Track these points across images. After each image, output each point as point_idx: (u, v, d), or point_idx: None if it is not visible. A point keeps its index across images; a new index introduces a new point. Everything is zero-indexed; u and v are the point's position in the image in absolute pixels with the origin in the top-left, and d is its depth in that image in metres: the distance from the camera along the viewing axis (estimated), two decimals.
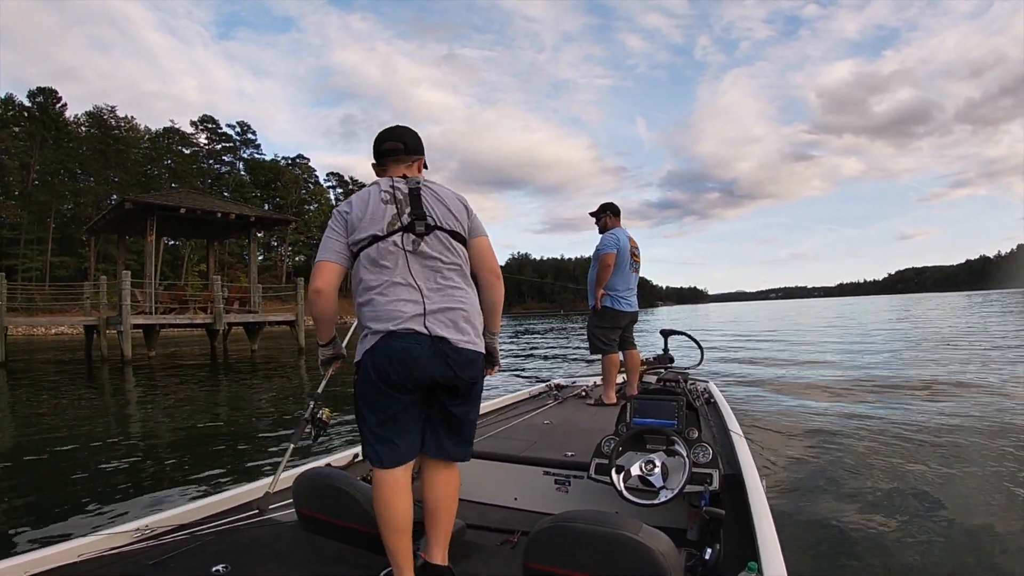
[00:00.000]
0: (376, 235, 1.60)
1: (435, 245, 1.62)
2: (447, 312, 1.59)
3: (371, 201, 1.65)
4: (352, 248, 1.63)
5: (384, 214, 1.62)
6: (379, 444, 1.59)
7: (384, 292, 1.57)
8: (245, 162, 75.57)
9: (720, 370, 10.33)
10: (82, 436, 6.30)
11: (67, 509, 3.69)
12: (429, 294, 1.58)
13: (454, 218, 1.67)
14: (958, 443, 4.83)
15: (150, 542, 1.78)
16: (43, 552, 1.65)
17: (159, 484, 4.32)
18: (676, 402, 2.56)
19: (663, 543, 1.32)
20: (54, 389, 10.80)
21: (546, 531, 1.41)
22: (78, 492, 4.12)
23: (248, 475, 4.50)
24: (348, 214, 1.65)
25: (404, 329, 1.54)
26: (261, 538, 1.78)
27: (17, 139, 54.99)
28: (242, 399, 9.39)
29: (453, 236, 1.66)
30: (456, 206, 1.70)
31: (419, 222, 1.61)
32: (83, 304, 17.41)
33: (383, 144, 1.80)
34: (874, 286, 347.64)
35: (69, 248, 52.79)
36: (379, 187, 1.69)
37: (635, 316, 4.58)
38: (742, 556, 1.65)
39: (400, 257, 1.59)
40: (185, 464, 4.95)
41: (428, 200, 1.66)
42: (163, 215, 16.54)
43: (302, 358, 16.57)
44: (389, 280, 1.58)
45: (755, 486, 2.12)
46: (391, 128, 1.85)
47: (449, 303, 1.59)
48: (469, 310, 1.64)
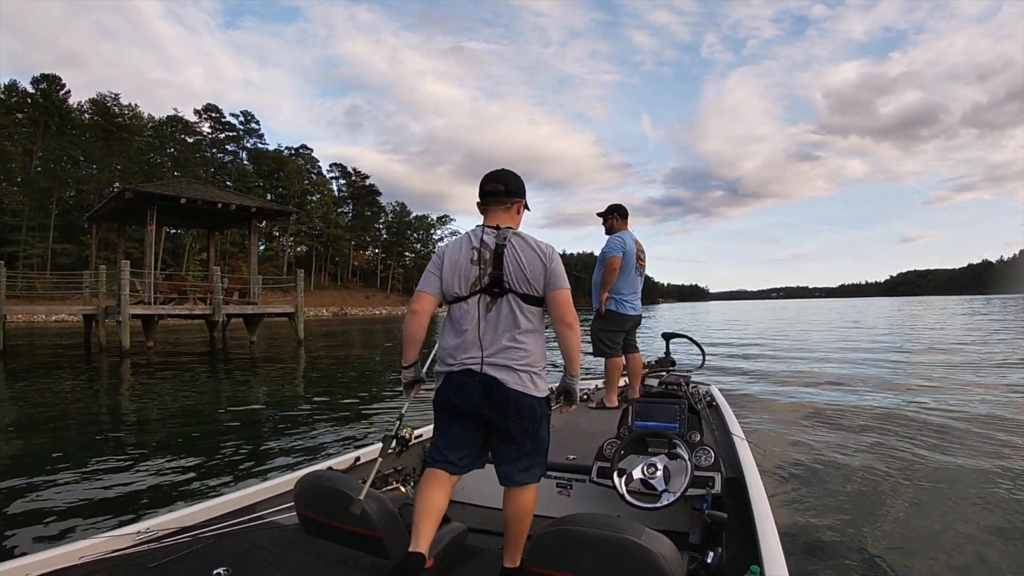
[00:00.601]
0: (459, 295, 1.91)
1: (504, 307, 1.88)
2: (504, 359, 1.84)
3: (462, 257, 1.92)
4: (445, 293, 1.94)
5: (469, 275, 1.90)
6: (436, 450, 1.90)
7: (458, 339, 1.89)
8: (248, 152, 75.47)
9: (722, 372, 10.27)
10: (73, 432, 6.26)
11: (64, 510, 3.64)
12: (490, 346, 1.85)
13: (527, 282, 1.88)
14: (964, 446, 4.79)
15: (151, 544, 1.77)
16: (44, 554, 1.64)
17: (150, 484, 4.27)
18: (678, 405, 2.55)
19: (665, 546, 1.32)
20: (50, 380, 10.78)
21: (548, 535, 1.41)
22: (71, 492, 4.05)
23: (244, 474, 4.47)
24: (443, 261, 1.95)
25: (463, 370, 1.85)
26: (262, 541, 1.77)
27: (20, 126, 54.93)
28: (238, 394, 9.35)
29: (524, 299, 1.89)
30: (534, 267, 1.88)
31: (496, 286, 1.88)
32: (83, 293, 17.38)
33: (487, 185, 2.01)
34: (875, 288, 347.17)
35: (71, 235, 52.80)
36: (471, 242, 1.94)
37: (639, 320, 4.53)
38: (744, 559, 1.65)
39: (474, 315, 1.88)
40: (175, 463, 4.90)
41: (509, 261, 1.88)
42: (163, 205, 16.46)
43: (301, 349, 16.58)
44: (464, 331, 1.88)
45: (757, 489, 2.10)
46: (495, 171, 2.06)
47: (506, 356, 1.84)
48: (526, 360, 1.86)
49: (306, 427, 6.21)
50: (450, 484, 1.87)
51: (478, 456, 1.93)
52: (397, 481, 2.68)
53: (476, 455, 1.92)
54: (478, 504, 2.89)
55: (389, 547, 1.63)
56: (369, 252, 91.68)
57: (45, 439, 5.73)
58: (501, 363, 1.83)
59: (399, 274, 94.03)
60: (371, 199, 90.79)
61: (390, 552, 1.63)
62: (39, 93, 57.33)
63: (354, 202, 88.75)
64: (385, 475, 2.70)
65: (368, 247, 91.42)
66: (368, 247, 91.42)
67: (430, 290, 1.95)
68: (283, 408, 7.83)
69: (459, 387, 1.85)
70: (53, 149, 54.99)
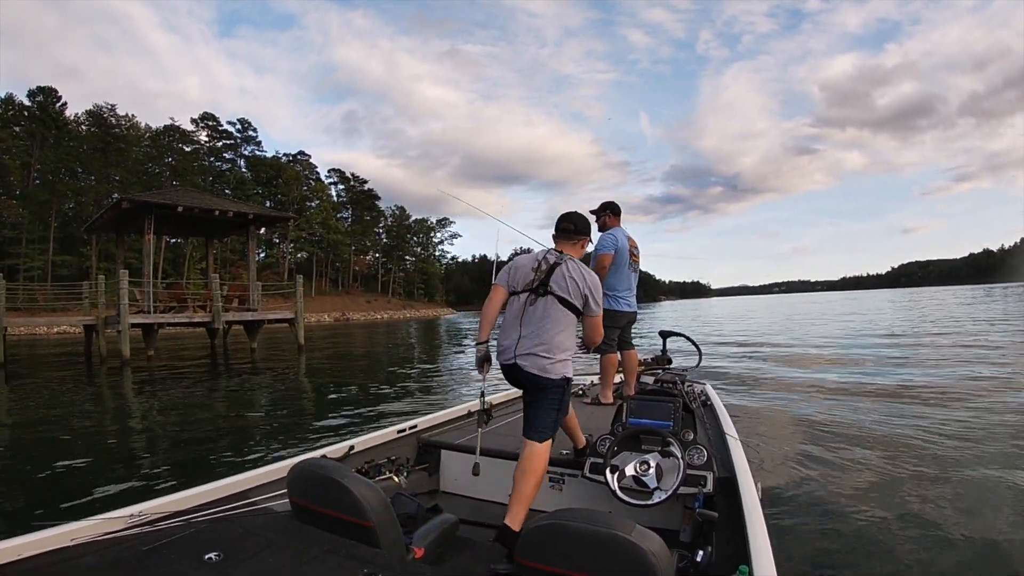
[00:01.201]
0: (515, 290, 2.50)
1: (541, 304, 2.43)
2: (530, 346, 2.38)
3: (527, 265, 2.53)
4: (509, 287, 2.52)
5: (527, 277, 2.49)
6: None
7: (505, 327, 2.49)
8: (246, 159, 75.46)
9: (718, 370, 10.26)
10: (71, 440, 6.25)
11: (57, 494, 3.75)
12: (525, 334, 2.41)
13: (568, 291, 2.43)
14: (955, 446, 4.80)
15: (144, 528, 1.77)
16: (36, 535, 1.64)
17: (143, 474, 4.29)
18: (673, 403, 2.56)
19: (655, 544, 1.33)
20: (50, 391, 10.77)
21: (539, 529, 1.42)
22: (64, 479, 4.09)
23: (239, 463, 4.48)
24: (513, 266, 2.57)
25: (506, 353, 2.44)
26: (255, 527, 1.76)
27: (18, 138, 55.00)
28: (239, 401, 9.34)
29: (561, 301, 2.42)
30: (577, 286, 2.46)
31: (542, 288, 2.45)
32: (83, 304, 17.38)
33: (562, 224, 2.66)
34: (877, 280, 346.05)
35: (71, 247, 52.83)
36: (536, 257, 2.56)
37: (634, 316, 4.53)
38: (734, 559, 1.66)
39: (519, 307, 2.46)
40: (168, 459, 4.90)
41: (558, 274, 2.46)
42: (161, 214, 16.46)
43: (301, 355, 16.57)
44: (510, 319, 2.48)
45: (749, 489, 2.10)
46: (570, 213, 2.70)
47: (533, 343, 2.38)
48: (546, 349, 2.37)
49: (303, 426, 6.22)
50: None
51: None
52: (390, 471, 2.69)
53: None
54: (469, 496, 2.92)
55: (380, 536, 1.63)
56: (369, 257, 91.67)
57: (40, 441, 5.75)
58: (528, 351, 2.38)
59: (400, 278, 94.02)
60: (370, 204, 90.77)
61: (381, 541, 1.62)
62: (36, 106, 57.34)
63: (353, 207, 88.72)
64: (378, 464, 2.71)
65: (368, 252, 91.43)
66: (368, 252, 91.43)
67: (502, 283, 2.56)
68: (281, 411, 7.83)
69: (506, 368, 2.46)
70: (51, 161, 54.97)
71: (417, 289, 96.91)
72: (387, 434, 3.02)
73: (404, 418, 6.56)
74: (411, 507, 2.20)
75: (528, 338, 2.38)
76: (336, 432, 6.16)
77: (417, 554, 1.75)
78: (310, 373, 13.22)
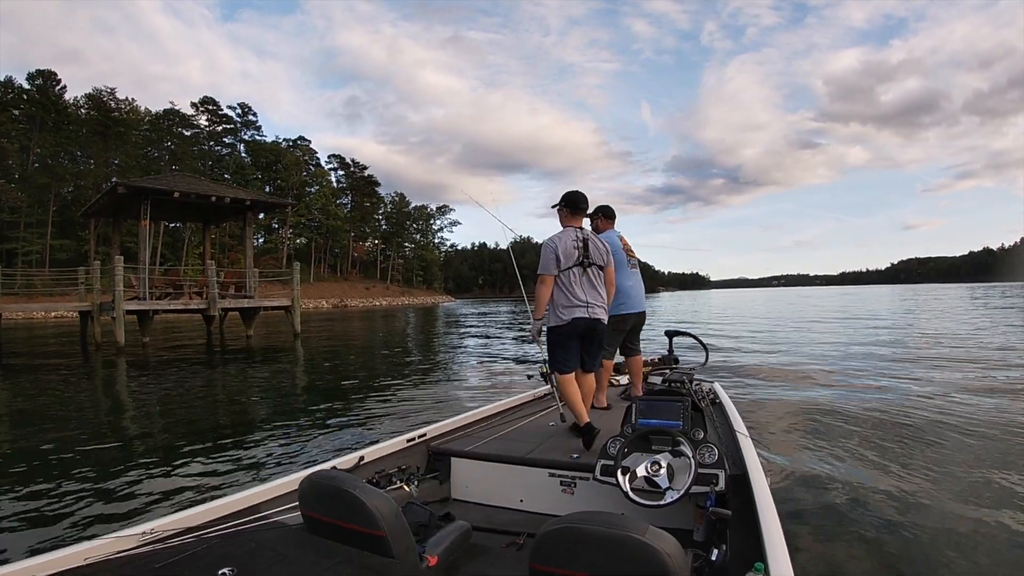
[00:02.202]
0: (569, 266, 3.32)
1: (591, 273, 3.38)
2: (595, 302, 3.37)
3: (568, 245, 3.33)
4: (561, 268, 3.32)
5: (574, 255, 3.33)
6: (563, 363, 3.36)
7: (570, 295, 3.33)
8: (246, 144, 75.11)
9: (725, 367, 10.25)
10: (66, 433, 6.25)
11: (65, 512, 3.66)
12: (588, 295, 3.35)
13: (601, 257, 3.44)
14: (974, 442, 4.73)
15: (156, 545, 1.78)
16: (51, 556, 1.65)
17: (145, 488, 4.27)
18: (681, 403, 2.55)
19: (669, 544, 1.33)
20: (41, 378, 10.80)
21: (552, 533, 1.41)
22: (70, 493, 4.05)
23: (246, 473, 4.47)
24: (557, 249, 3.32)
25: (579, 312, 3.32)
26: (267, 541, 1.77)
27: (16, 122, 54.68)
28: (232, 390, 9.34)
29: (599, 268, 3.43)
30: (602, 251, 3.47)
31: (587, 260, 3.36)
32: (79, 289, 17.35)
33: (581, 204, 3.48)
34: (876, 275, 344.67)
35: (70, 231, 52.69)
36: (571, 236, 3.37)
37: (641, 317, 4.42)
38: (749, 557, 1.64)
39: (576, 277, 3.34)
40: (161, 467, 4.89)
41: (592, 247, 3.40)
42: (157, 199, 16.39)
43: (297, 342, 16.58)
44: (572, 289, 3.33)
45: (761, 487, 2.10)
46: (580, 193, 3.50)
47: (595, 299, 3.38)
48: (604, 303, 3.45)
49: (300, 425, 6.17)
50: (576, 379, 3.33)
51: (577, 361, 3.39)
52: (401, 480, 2.68)
53: (577, 360, 3.39)
54: (481, 503, 2.93)
55: (394, 546, 1.63)
56: (369, 243, 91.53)
57: (33, 439, 5.73)
58: (596, 304, 3.36)
59: (399, 265, 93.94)
60: (370, 190, 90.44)
61: (394, 551, 1.63)
62: (35, 89, 56.98)
63: (353, 193, 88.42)
64: (389, 474, 2.71)
65: (368, 238, 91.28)
66: (368, 238, 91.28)
67: (552, 270, 3.31)
68: (277, 404, 7.81)
69: (580, 323, 3.31)
70: (50, 145, 54.72)
71: (416, 276, 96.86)
72: (397, 443, 3.01)
73: (404, 410, 6.60)
74: (423, 516, 2.20)
75: (594, 300, 3.35)
76: (325, 422, 6.13)
77: (431, 562, 1.76)
78: (305, 360, 13.23)
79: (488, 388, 8.35)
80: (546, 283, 3.30)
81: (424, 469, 3.04)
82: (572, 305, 3.30)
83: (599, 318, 3.36)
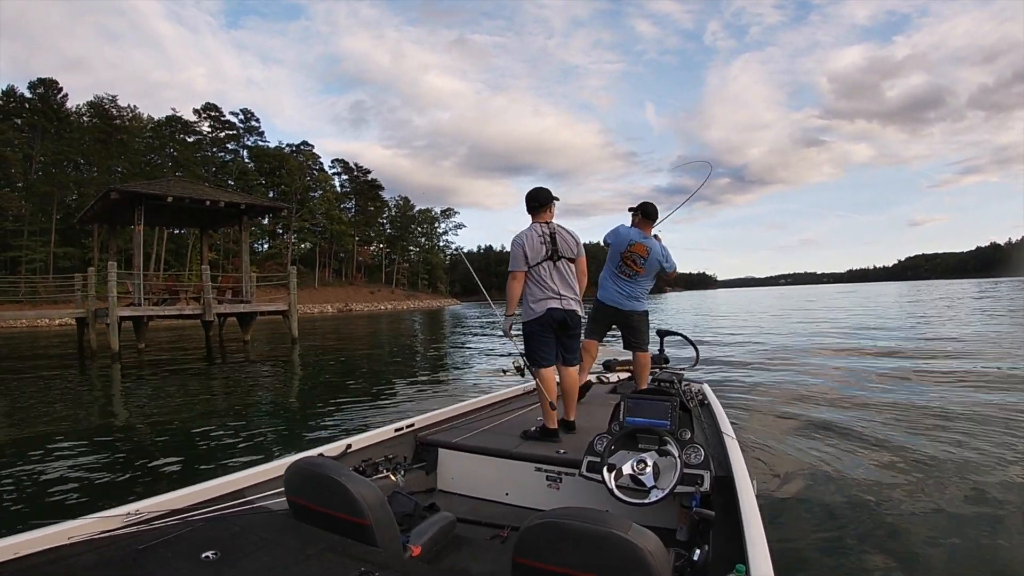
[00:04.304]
0: (539, 261, 3.32)
1: (561, 266, 3.35)
2: (567, 294, 3.34)
3: (535, 241, 3.33)
4: (530, 264, 3.31)
5: (541, 251, 3.33)
6: (541, 357, 3.32)
7: (543, 288, 3.31)
8: (249, 150, 75.23)
9: (717, 368, 10.01)
10: (52, 429, 6.02)
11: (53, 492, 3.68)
12: (560, 288, 3.33)
13: (570, 249, 3.40)
14: (953, 447, 4.68)
15: (140, 526, 1.77)
16: (33, 534, 1.64)
17: (135, 472, 4.22)
18: (670, 402, 2.57)
19: (652, 542, 1.33)
20: (34, 385, 10.60)
21: (536, 527, 1.42)
22: (58, 476, 4.05)
23: (234, 462, 4.44)
24: (524, 246, 3.31)
25: (553, 303, 3.30)
26: (251, 525, 1.74)
27: (19, 131, 54.97)
28: (223, 398, 9.12)
29: (569, 260, 3.39)
30: (571, 242, 3.43)
31: (556, 254, 3.34)
32: (76, 296, 17.19)
33: (542, 198, 3.43)
34: (883, 272, 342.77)
35: (73, 239, 52.85)
36: (537, 232, 3.36)
37: (625, 315, 4.27)
38: (731, 558, 1.66)
39: (547, 271, 3.33)
40: (158, 457, 4.70)
41: (559, 240, 3.37)
42: (152, 204, 16.19)
43: (295, 348, 16.36)
44: (544, 282, 3.32)
45: (746, 489, 2.11)
46: (543, 189, 3.46)
47: (567, 291, 3.35)
48: (577, 295, 3.39)
49: (295, 423, 6.10)
50: (553, 372, 3.33)
51: (555, 355, 3.36)
52: (387, 469, 2.70)
53: (555, 353, 3.36)
54: (466, 495, 2.96)
55: (378, 534, 1.62)
56: (373, 247, 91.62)
57: (24, 436, 5.62)
58: (571, 297, 3.35)
59: (404, 269, 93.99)
60: (374, 194, 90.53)
61: (378, 539, 1.62)
62: (37, 98, 57.31)
63: (357, 197, 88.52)
64: (376, 463, 2.73)
65: (372, 242, 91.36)
66: (372, 242, 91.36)
67: (522, 266, 3.31)
68: (269, 405, 7.63)
69: (554, 316, 3.30)
70: (52, 153, 54.98)
71: (421, 280, 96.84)
72: (384, 432, 3.05)
73: (395, 411, 6.44)
74: (408, 505, 2.23)
75: (567, 292, 3.33)
76: (316, 422, 5.93)
77: (414, 552, 1.79)
78: (301, 366, 13.02)
79: (479, 386, 8.16)
80: (516, 279, 3.32)
81: (411, 459, 3.06)
82: (545, 297, 3.30)
83: (573, 309, 3.34)
